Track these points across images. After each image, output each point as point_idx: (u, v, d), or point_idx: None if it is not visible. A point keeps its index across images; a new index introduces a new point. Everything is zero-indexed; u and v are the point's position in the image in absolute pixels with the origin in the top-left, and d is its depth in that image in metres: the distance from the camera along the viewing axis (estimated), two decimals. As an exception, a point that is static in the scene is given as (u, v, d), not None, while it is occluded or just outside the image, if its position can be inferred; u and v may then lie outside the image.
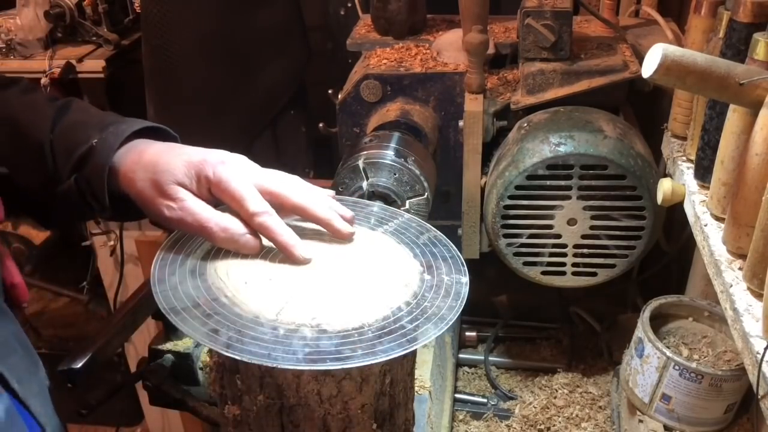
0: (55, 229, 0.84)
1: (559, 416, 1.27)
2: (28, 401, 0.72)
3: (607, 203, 1.13)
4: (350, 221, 0.79)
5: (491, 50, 1.34)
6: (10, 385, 0.70)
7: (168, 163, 0.75)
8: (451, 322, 0.68)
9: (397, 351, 0.62)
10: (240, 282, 0.69)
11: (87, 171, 0.79)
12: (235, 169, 0.75)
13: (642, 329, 1.08)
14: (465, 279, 0.76)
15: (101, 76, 1.87)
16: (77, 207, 0.82)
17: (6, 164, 0.83)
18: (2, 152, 0.83)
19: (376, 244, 0.80)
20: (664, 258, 1.39)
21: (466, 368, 1.46)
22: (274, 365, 0.59)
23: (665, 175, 1.08)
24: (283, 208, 0.76)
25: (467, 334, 1.49)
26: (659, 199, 1.00)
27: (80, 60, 1.86)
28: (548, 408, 1.30)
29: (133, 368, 2.05)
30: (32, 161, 0.82)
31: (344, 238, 0.78)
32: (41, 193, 0.84)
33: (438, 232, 0.86)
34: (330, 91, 1.40)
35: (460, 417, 1.33)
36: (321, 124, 1.42)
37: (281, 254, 0.73)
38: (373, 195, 1.09)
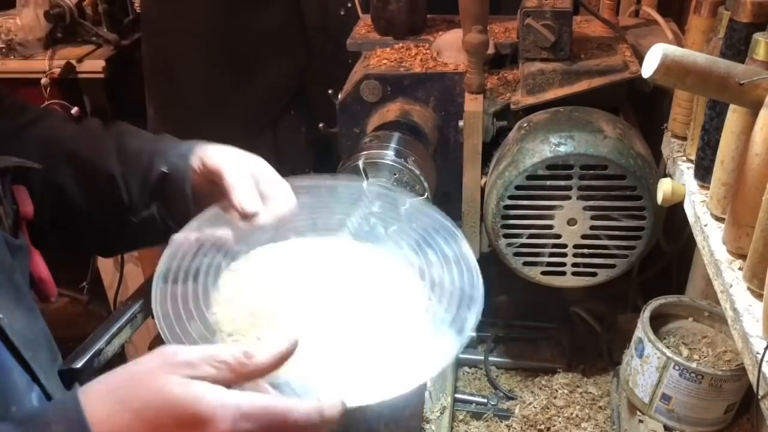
0: (116, 255, 0.88)
1: (559, 416, 1.27)
2: (54, 395, 0.75)
3: (607, 203, 1.13)
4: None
5: (491, 50, 1.34)
6: (40, 381, 0.73)
7: None
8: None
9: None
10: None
11: (167, 196, 0.85)
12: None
13: (642, 329, 1.08)
14: (465, 246, 0.77)
15: (101, 76, 1.86)
16: (158, 232, 0.85)
17: (77, 199, 0.88)
18: (71, 187, 0.87)
19: (373, 274, 0.79)
20: (664, 258, 1.39)
21: (466, 368, 1.46)
22: None
23: (665, 175, 1.08)
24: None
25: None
26: (659, 199, 1.00)
27: (80, 60, 1.86)
28: (548, 408, 1.30)
29: (133, 368, 2.05)
30: (105, 193, 0.86)
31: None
32: (111, 223, 0.88)
33: (413, 197, 0.86)
34: (330, 91, 1.40)
35: (460, 417, 1.33)
36: (321, 125, 1.42)
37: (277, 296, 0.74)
38: (373, 195, 1.09)
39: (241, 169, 0.81)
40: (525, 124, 1.20)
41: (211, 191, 0.83)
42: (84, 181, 0.87)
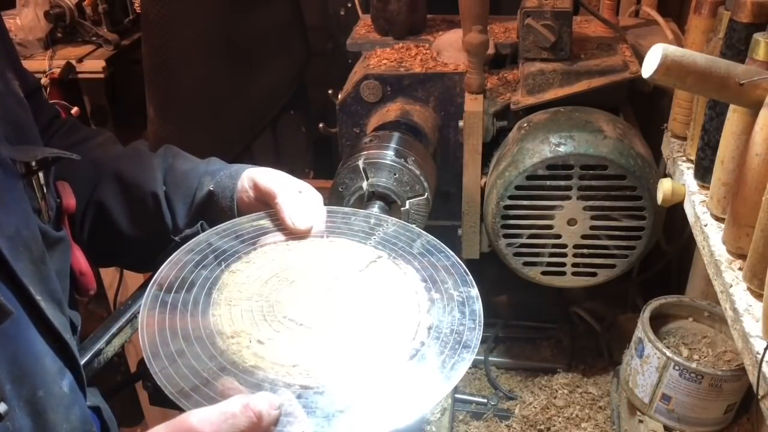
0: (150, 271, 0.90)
1: (559, 416, 1.27)
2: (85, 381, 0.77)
3: (607, 203, 1.13)
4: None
5: (491, 50, 1.34)
6: (77, 368, 0.75)
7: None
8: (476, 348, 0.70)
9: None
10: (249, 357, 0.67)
11: (212, 215, 0.90)
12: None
13: (642, 329, 1.08)
14: (474, 291, 0.77)
15: (101, 76, 1.87)
16: None
17: (118, 216, 0.91)
18: (114, 204, 0.91)
19: (376, 278, 0.79)
20: (664, 258, 1.39)
21: (466, 368, 1.46)
22: None
23: (665, 175, 1.08)
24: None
25: (467, 334, 1.48)
26: (659, 199, 1.00)
27: (80, 60, 1.86)
28: (548, 408, 1.29)
29: (133, 368, 2.05)
30: (147, 211, 0.90)
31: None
32: (152, 241, 0.91)
33: (428, 235, 0.87)
34: (330, 91, 1.40)
35: (460, 417, 1.33)
36: (321, 125, 1.42)
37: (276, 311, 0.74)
38: (373, 195, 1.09)
39: (292, 190, 0.86)
40: (525, 124, 1.20)
41: (257, 210, 0.89)
42: (126, 198, 0.91)
